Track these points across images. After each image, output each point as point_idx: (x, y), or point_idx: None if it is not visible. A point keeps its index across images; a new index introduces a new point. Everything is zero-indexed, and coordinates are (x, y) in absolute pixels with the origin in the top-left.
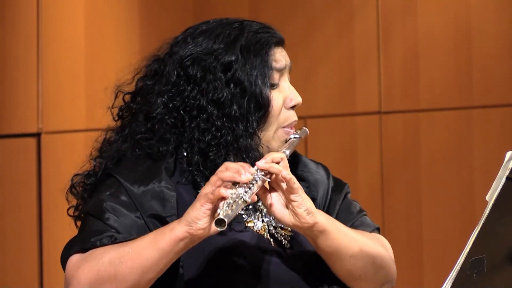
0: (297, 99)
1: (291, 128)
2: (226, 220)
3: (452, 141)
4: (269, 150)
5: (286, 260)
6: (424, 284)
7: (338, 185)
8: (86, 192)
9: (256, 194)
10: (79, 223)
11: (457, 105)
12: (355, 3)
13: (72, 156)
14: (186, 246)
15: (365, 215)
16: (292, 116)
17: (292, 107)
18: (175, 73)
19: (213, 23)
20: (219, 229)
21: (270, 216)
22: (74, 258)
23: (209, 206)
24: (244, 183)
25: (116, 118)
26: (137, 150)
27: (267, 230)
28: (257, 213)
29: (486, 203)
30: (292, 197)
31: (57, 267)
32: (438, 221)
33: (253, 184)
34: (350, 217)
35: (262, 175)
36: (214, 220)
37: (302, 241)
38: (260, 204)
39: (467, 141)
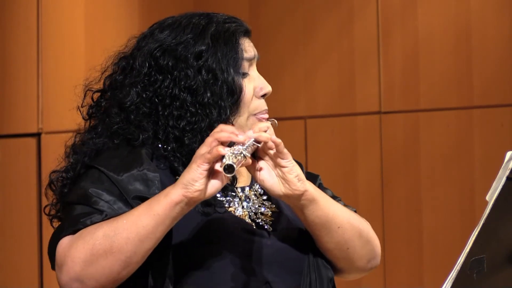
0: (267, 88)
1: (261, 114)
2: (235, 166)
3: (452, 141)
4: None
5: (270, 241)
6: (424, 284)
7: (312, 176)
8: (66, 187)
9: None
10: (55, 223)
11: (457, 105)
12: (355, 3)
13: None
14: (182, 210)
15: (340, 200)
16: (263, 105)
17: (263, 96)
18: (146, 64)
19: (178, 16)
20: (228, 175)
21: (250, 202)
22: (65, 240)
23: (206, 166)
24: (240, 143)
25: (86, 117)
26: (115, 141)
27: (247, 216)
28: (236, 200)
29: (486, 203)
30: (283, 162)
31: None
32: (438, 221)
33: (246, 148)
34: None
35: (251, 143)
36: (223, 166)
37: (284, 224)
38: (239, 190)
39: (467, 141)
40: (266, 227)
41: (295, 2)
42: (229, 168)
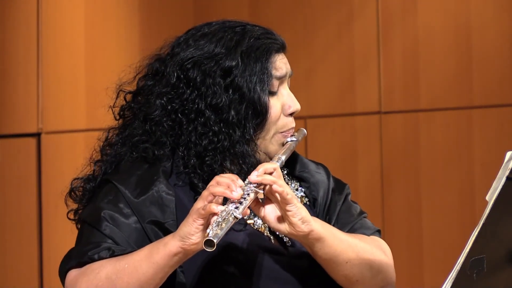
0: (295, 106)
1: (288, 132)
2: (215, 240)
3: (452, 141)
4: (266, 155)
5: (287, 258)
6: (424, 284)
7: (339, 186)
8: (85, 197)
9: (249, 207)
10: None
11: (457, 105)
12: (355, 3)
13: (72, 156)
14: (180, 260)
15: (365, 217)
16: (290, 123)
17: (291, 114)
18: (175, 75)
19: (215, 25)
20: (208, 250)
21: None
22: (72, 274)
23: (201, 221)
24: (234, 200)
25: (118, 117)
26: (134, 153)
27: (267, 227)
28: None
29: (486, 203)
30: (287, 207)
31: (57, 267)
32: (438, 221)
33: (245, 198)
34: (350, 219)
35: (255, 186)
36: (203, 241)
37: None
38: (260, 201)
39: (467, 141)
40: (285, 239)
41: (295, 2)
42: (209, 243)
